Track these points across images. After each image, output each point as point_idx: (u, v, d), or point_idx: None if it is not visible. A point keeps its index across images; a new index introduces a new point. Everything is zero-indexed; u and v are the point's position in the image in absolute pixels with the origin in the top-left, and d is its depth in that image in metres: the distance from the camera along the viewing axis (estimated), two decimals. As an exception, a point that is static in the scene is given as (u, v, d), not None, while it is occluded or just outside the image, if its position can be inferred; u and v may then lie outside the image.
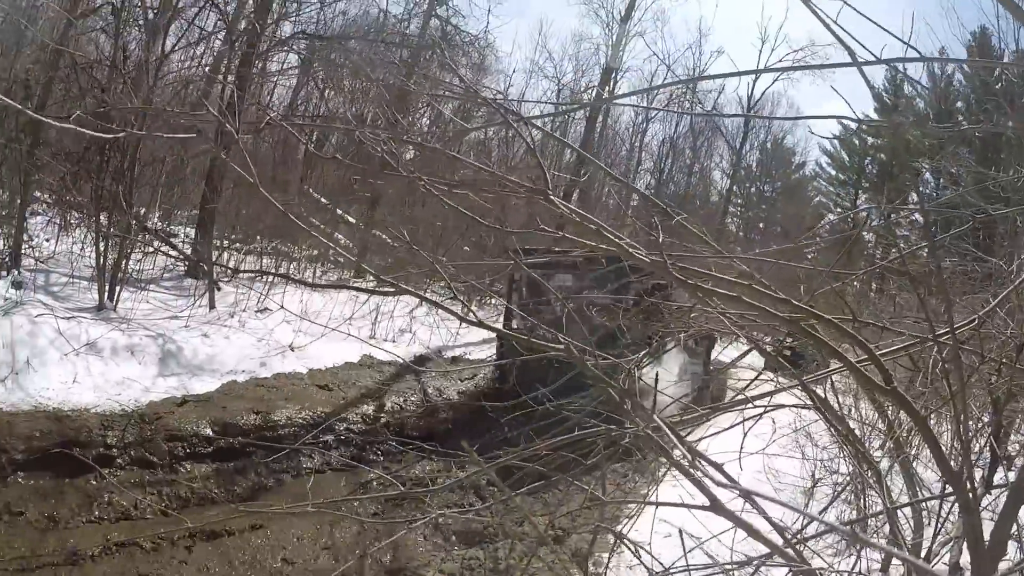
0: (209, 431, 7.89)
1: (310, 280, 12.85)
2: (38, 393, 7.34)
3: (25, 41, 10.44)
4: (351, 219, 12.97)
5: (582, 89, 25.63)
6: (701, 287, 2.75)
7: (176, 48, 11.98)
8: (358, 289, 11.81)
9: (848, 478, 5.20)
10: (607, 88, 20.32)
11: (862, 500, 5.25)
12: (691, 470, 2.46)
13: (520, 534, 6.99)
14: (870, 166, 35.75)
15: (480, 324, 3.62)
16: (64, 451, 6.80)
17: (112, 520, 6.54)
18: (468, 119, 14.09)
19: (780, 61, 29.68)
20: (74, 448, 6.92)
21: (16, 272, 9.07)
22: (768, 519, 2.26)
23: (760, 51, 30.75)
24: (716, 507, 2.08)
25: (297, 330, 9.86)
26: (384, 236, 11.99)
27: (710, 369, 10.23)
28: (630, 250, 2.66)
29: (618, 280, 5.18)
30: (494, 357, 11.46)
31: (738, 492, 2.05)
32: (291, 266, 13.00)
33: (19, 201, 9.59)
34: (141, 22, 11.14)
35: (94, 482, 6.81)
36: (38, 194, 10.89)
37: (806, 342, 3.56)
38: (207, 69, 13.26)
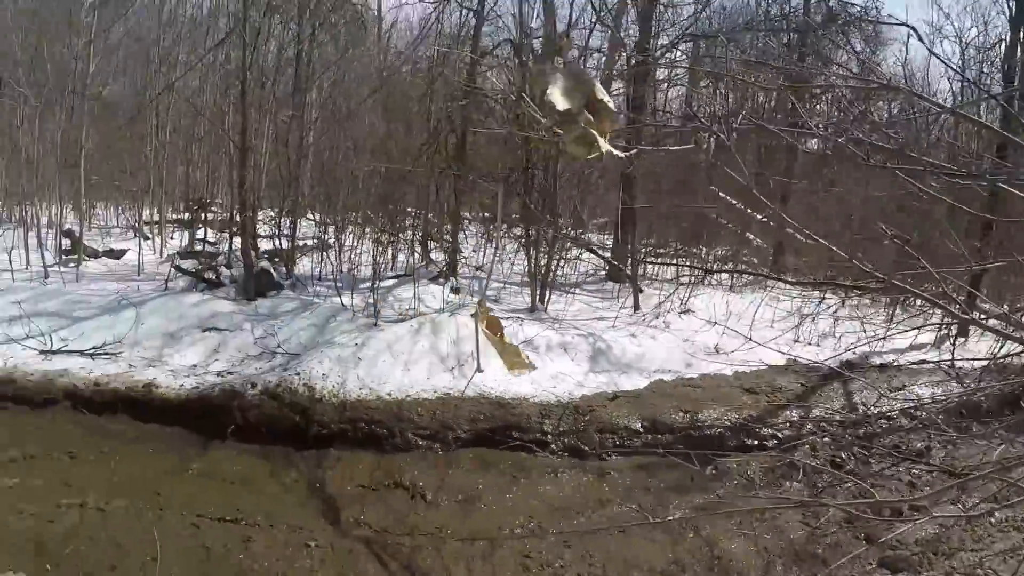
0: (639, 426, 7.74)
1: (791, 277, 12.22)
2: (481, 383, 7.98)
3: (442, 83, 11.47)
4: (761, 217, 12.23)
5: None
6: None
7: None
8: (846, 287, 11.03)
9: None
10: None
11: None
12: None
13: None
14: None
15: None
16: (505, 433, 7.31)
17: (546, 500, 6.65)
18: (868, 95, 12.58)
19: None
20: (513, 431, 7.37)
21: (453, 280, 9.85)
22: None
23: None
24: None
25: (722, 332, 9.43)
26: (797, 234, 11.12)
27: None
28: None
29: None
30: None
31: None
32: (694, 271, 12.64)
33: (453, 219, 10.51)
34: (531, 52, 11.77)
35: (528, 462, 7.14)
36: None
37: None
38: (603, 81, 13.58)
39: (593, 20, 12.84)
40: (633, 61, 12.32)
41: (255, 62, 10.71)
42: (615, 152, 2.27)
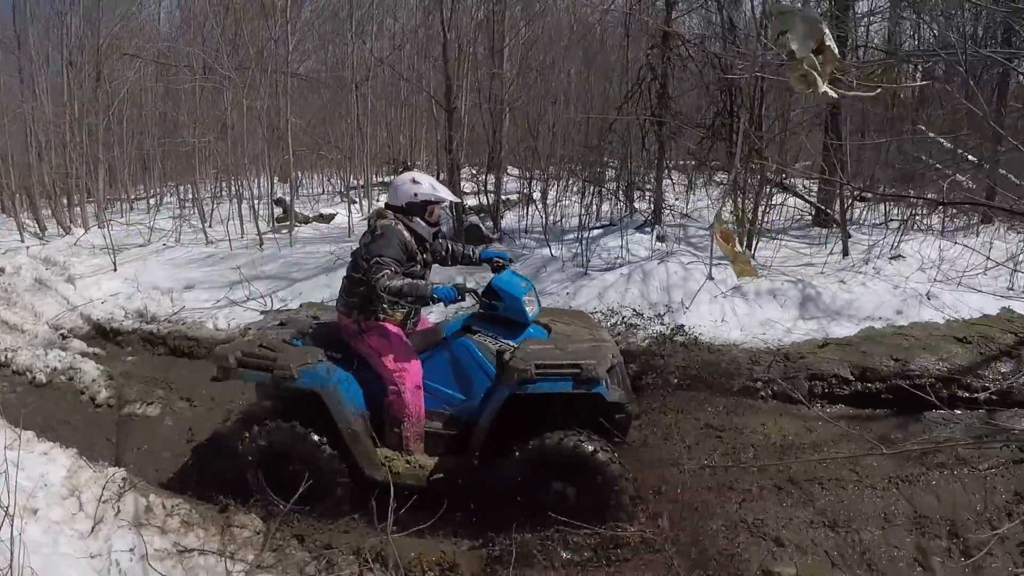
0: (849, 374, 7.48)
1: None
2: (690, 329, 8.06)
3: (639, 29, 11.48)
4: (972, 158, 11.40)
5: None
6: None
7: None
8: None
9: None
10: None
11: None
12: None
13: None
14: None
15: None
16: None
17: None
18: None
19: None
20: (721, 378, 7.39)
21: (659, 228, 9.91)
22: None
23: None
24: None
25: (933, 279, 8.98)
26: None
27: None
28: None
29: None
30: None
31: None
32: (910, 212, 11.91)
33: (657, 167, 10.55)
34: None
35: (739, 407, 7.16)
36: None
37: None
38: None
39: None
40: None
41: (453, 23, 11.08)
42: (831, 93, 2.60)
